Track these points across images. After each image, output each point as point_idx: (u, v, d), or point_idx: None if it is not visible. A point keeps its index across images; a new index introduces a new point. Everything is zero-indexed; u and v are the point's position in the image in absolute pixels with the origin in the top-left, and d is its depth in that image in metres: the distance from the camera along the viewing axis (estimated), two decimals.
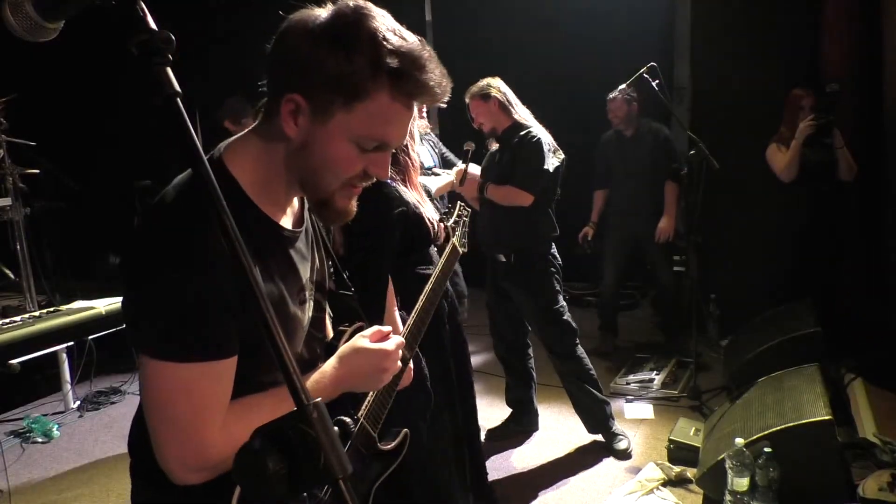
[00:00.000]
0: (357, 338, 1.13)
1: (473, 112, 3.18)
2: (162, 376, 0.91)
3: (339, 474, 0.66)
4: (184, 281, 0.88)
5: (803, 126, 3.65)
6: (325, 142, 0.96)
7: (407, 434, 1.37)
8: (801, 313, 3.49)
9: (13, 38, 0.74)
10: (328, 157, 0.97)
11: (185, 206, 0.92)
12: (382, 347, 1.12)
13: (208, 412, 0.93)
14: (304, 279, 1.10)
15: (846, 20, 4.08)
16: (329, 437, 0.67)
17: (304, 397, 0.68)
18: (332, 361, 1.10)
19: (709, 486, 2.68)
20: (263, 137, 1.00)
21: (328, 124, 0.95)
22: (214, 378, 0.93)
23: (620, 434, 3.23)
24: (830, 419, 2.42)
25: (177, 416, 0.91)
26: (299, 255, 1.08)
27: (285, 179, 1.02)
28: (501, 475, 3.10)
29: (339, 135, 0.96)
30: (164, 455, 0.93)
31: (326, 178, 1.00)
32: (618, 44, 4.94)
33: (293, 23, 0.95)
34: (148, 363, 0.91)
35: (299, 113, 0.95)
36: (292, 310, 1.06)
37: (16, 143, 4.55)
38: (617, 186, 4.43)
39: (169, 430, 0.92)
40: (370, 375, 1.12)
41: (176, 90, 0.69)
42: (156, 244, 0.91)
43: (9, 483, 3.13)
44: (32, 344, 3.46)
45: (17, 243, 4.48)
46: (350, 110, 0.94)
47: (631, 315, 5.37)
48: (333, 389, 1.08)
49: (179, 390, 0.91)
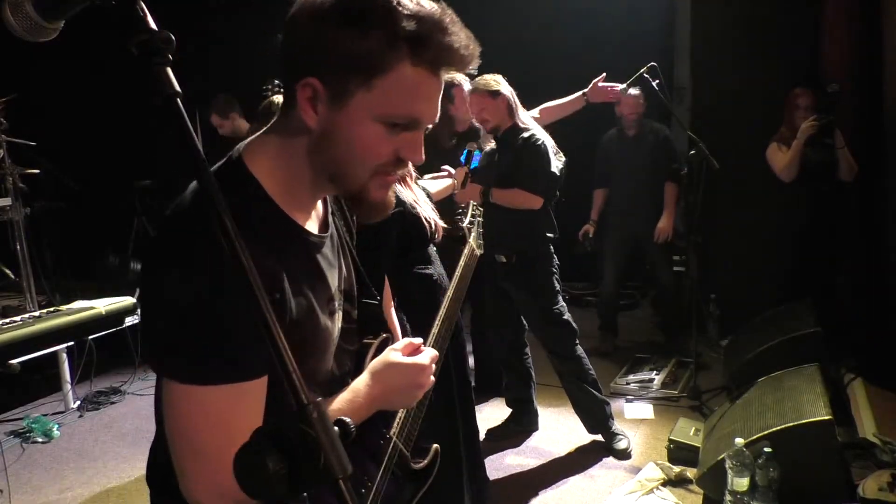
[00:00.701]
0: (388, 352, 1.06)
1: (477, 106, 3.09)
2: (187, 402, 0.84)
3: (339, 474, 0.66)
4: (207, 298, 0.82)
5: (805, 126, 3.65)
6: (347, 127, 0.88)
7: (438, 450, 1.29)
8: (801, 313, 3.49)
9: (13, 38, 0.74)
10: (353, 144, 0.89)
11: (201, 214, 0.85)
12: (417, 362, 1.06)
13: (233, 435, 0.85)
14: (333, 288, 1.03)
15: (846, 20, 4.07)
16: (329, 437, 0.67)
17: (304, 397, 0.68)
18: (365, 378, 1.03)
19: (709, 486, 2.68)
20: (282, 133, 0.94)
21: (348, 107, 0.87)
22: (244, 400, 0.86)
23: (620, 434, 3.23)
24: (830, 419, 2.42)
25: (206, 444, 0.84)
26: (326, 262, 1.02)
27: (309, 178, 0.95)
28: (501, 475, 3.10)
29: (362, 117, 0.88)
30: (193, 489, 0.86)
31: (355, 167, 0.91)
32: (618, 44, 4.94)
33: (301, 4, 0.89)
34: (172, 388, 0.85)
35: (317, 99, 0.88)
36: (322, 321, 0.99)
37: (16, 143, 4.55)
38: (617, 186, 4.43)
39: (198, 462, 0.85)
40: (405, 391, 1.05)
41: (176, 90, 0.69)
42: (173, 259, 0.85)
43: (9, 483, 3.13)
44: (32, 344, 3.45)
45: (17, 243, 4.48)
46: (370, 88, 0.86)
47: (631, 315, 5.37)
48: (368, 409, 1.01)
49: (207, 416, 0.84)
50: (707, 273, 4.51)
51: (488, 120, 3.10)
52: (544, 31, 5.39)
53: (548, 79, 5.30)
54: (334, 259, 1.05)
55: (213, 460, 0.84)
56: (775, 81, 4.10)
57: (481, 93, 3.06)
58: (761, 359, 3.28)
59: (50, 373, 4.05)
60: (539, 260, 3.15)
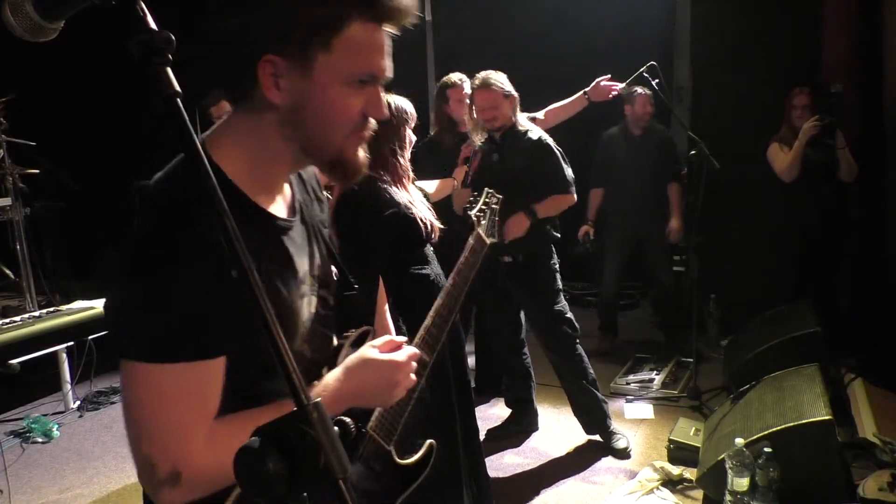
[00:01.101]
0: (365, 347, 1.04)
1: (489, 103, 3.00)
2: (140, 380, 0.84)
3: (339, 474, 0.66)
4: (163, 276, 0.83)
5: (807, 126, 3.65)
6: (317, 94, 0.90)
7: (433, 446, 1.27)
8: (801, 313, 3.49)
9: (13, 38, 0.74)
10: (326, 110, 0.91)
11: (167, 199, 0.87)
12: (393, 359, 1.03)
13: (193, 416, 0.86)
14: (303, 272, 1.03)
15: (846, 20, 4.07)
16: (329, 437, 0.67)
17: (304, 397, 0.68)
18: (337, 373, 1.01)
19: (709, 486, 2.68)
20: (246, 118, 0.94)
21: (313, 75, 0.89)
22: (198, 380, 0.86)
23: (619, 433, 3.23)
24: (830, 419, 2.43)
25: (159, 422, 0.84)
26: (294, 246, 1.02)
27: (278, 157, 0.96)
28: (501, 475, 3.10)
29: (329, 81, 0.90)
30: (144, 469, 0.85)
31: (330, 133, 0.93)
32: (618, 44, 4.93)
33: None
34: (130, 370, 0.84)
35: (279, 75, 0.88)
36: (289, 303, 0.99)
37: (16, 143, 4.55)
38: (619, 185, 4.40)
39: (150, 439, 0.84)
40: (379, 389, 1.02)
41: (176, 90, 0.69)
42: (137, 240, 0.86)
43: (9, 483, 3.13)
44: (32, 344, 3.46)
45: (17, 243, 4.48)
46: (330, 51, 0.88)
47: (631, 315, 5.37)
48: (336, 404, 0.98)
49: (163, 393, 0.83)
50: (707, 273, 4.51)
51: (497, 119, 3.02)
52: (544, 31, 5.39)
53: (548, 79, 5.29)
54: (304, 243, 1.05)
55: (162, 440, 0.84)
56: (775, 81, 4.10)
57: (496, 91, 2.99)
58: (761, 359, 3.28)
59: (50, 373, 4.05)
60: (543, 260, 3.14)
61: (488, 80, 3.01)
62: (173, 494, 0.85)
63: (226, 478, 0.86)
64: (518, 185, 3.03)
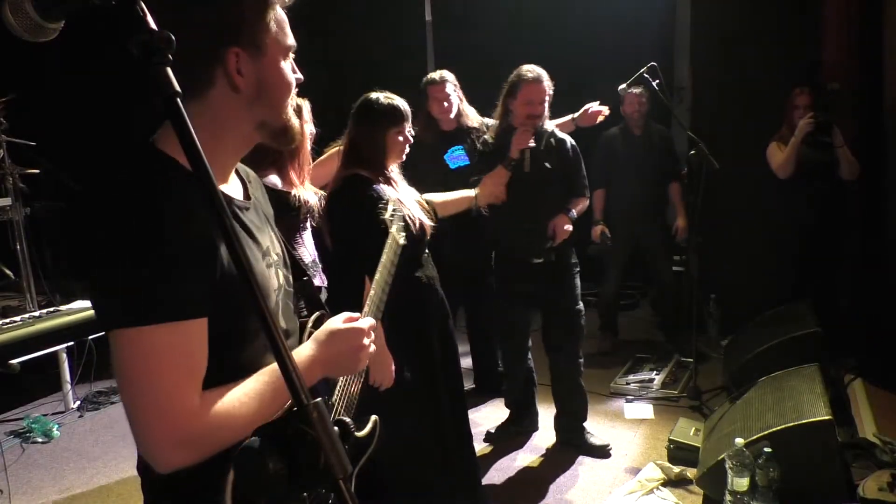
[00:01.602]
0: (328, 322, 1.12)
1: (538, 97, 2.94)
2: (131, 345, 0.86)
3: (339, 474, 0.66)
4: (143, 242, 0.86)
5: (802, 123, 3.67)
6: (272, 72, 1.00)
7: (377, 421, 1.35)
8: (801, 313, 3.49)
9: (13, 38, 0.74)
10: (280, 84, 1.01)
11: (134, 175, 0.91)
12: (356, 326, 1.11)
13: (185, 376, 0.88)
14: (265, 245, 1.09)
15: (846, 20, 4.07)
16: (329, 438, 0.67)
17: (304, 397, 0.68)
18: (309, 344, 1.08)
19: (709, 486, 2.68)
20: (199, 108, 0.97)
21: (267, 53, 0.98)
22: (187, 339, 0.89)
23: (590, 432, 3.25)
24: (830, 419, 2.43)
25: (152, 384, 0.86)
26: (254, 224, 1.08)
27: (230, 143, 1.03)
28: (501, 476, 3.10)
29: (276, 58, 1.00)
30: (144, 436, 0.86)
31: (284, 103, 1.03)
32: (618, 44, 4.94)
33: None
34: (120, 339, 0.86)
35: (241, 63, 0.96)
36: (260, 268, 1.05)
37: (16, 143, 4.55)
38: (620, 185, 4.38)
39: (145, 403, 0.86)
40: (348, 355, 1.09)
41: (176, 90, 0.69)
42: (110, 212, 0.88)
43: (9, 483, 3.13)
44: (32, 344, 3.46)
45: (17, 243, 4.48)
46: (269, 30, 0.98)
47: (631, 315, 5.37)
48: (312, 372, 1.06)
49: (151, 355, 0.85)
50: (707, 273, 4.50)
51: (542, 115, 2.98)
52: (544, 31, 5.39)
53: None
54: (262, 225, 1.12)
55: (159, 399, 0.86)
56: (775, 81, 4.10)
57: (547, 87, 2.95)
58: (761, 359, 3.28)
59: (50, 373, 4.05)
60: (569, 259, 3.13)
61: (542, 76, 2.96)
62: (174, 456, 0.87)
63: (223, 438, 0.89)
64: (547, 185, 3.00)
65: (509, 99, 3.03)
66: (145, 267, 0.85)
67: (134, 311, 0.85)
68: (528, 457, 3.27)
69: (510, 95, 3.02)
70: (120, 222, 0.86)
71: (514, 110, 3.00)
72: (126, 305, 0.86)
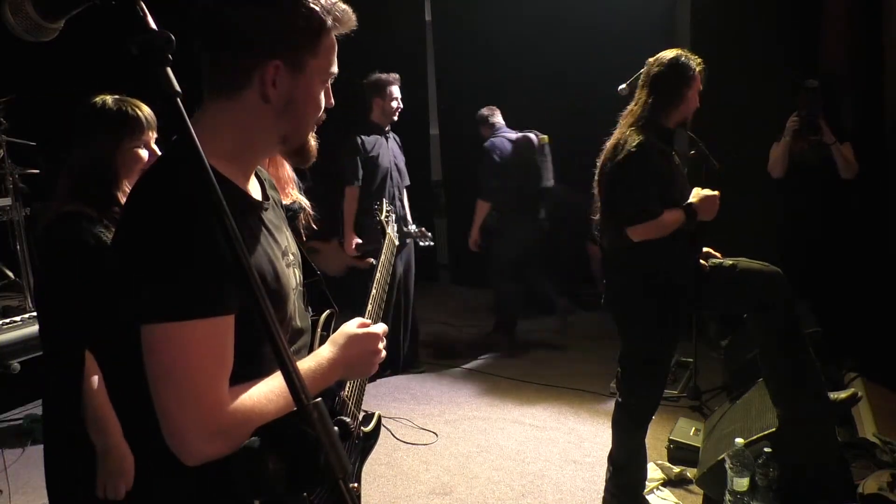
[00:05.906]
0: (344, 326, 1.15)
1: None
2: (170, 339, 0.89)
3: (339, 474, 0.66)
4: (182, 238, 0.89)
5: (788, 123, 3.74)
6: (305, 92, 1.02)
7: (380, 417, 1.39)
8: (801, 313, 3.49)
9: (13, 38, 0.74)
10: (310, 104, 1.04)
11: (172, 188, 0.93)
12: (373, 331, 1.14)
13: (217, 370, 0.92)
14: (284, 244, 1.12)
15: (846, 20, 4.08)
16: (329, 438, 0.67)
17: (305, 397, 0.68)
18: (328, 346, 1.11)
19: (709, 486, 2.68)
20: (226, 110, 1.01)
21: (305, 73, 1.01)
22: (219, 334, 0.92)
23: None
24: (830, 419, 2.43)
25: (188, 377, 0.89)
26: (273, 224, 1.11)
27: (257, 146, 1.05)
28: (501, 476, 3.10)
29: (315, 80, 1.03)
30: (178, 426, 0.89)
31: (309, 123, 1.06)
32: (618, 43, 4.93)
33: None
34: (154, 333, 0.90)
35: (278, 75, 0.98)
36: (281, 268, 1.07)
37: (16, 143, 4.55)
38: None
39: (181, 394, 0.89)
40: (365, 358, 1.13)
41: (176, 90, 0.69)
42: (151, 218, 0.92)
43: (9, 483, 3.13)
44: (32, 344, 3.45)
45: (17, 243, 4.47)
46: (317, 54, 1.01)
47: None
48: (332, 374, 1.09)
49: (187, 349, 0.89)
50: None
51: None
52: (544, 31, 5.39)
53: (548, 79, 5.31)
54: (280, 224, 1.16)
55: (205, 397, 0.89)
56: (775, 81, 4.10)
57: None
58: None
59: None
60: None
61: (701, 64, 2.79)
62: (207, 447, 0.89)
63: (251, 432, 0.89)
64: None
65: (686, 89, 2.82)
66: (188, 267, 0.89)
67: (175, 307, 0.89)
68: (527, 456, 3.27)
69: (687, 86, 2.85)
70: (167, 229, 0.90)
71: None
72: (168, 301, 0.89)
